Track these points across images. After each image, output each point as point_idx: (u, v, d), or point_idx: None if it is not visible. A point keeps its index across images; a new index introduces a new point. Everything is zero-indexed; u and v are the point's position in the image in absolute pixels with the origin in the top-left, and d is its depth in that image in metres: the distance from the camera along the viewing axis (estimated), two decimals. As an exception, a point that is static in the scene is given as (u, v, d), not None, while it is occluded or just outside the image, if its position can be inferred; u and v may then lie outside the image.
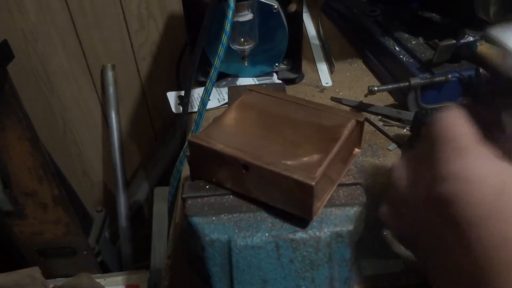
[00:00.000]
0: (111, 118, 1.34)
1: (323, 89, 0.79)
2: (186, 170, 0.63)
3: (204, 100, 0.65)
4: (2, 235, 1.23)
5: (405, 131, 0.67)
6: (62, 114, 1.37)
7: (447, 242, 0.24)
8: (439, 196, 0.24)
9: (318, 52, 0.91)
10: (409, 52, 0.74)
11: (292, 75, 0.80)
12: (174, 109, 0.77)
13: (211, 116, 0.59)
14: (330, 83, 0.80)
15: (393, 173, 0.31)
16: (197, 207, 0.36)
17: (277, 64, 0.78)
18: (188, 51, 0.81)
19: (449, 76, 0.66)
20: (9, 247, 1.25)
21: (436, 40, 0.72)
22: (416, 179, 0.29)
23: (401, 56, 0.74)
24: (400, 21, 0.82)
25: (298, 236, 0.34)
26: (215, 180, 0.38)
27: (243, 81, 0.79)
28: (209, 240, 0.34)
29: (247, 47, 0.71)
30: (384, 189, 0.34)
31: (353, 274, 0.41)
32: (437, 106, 0.68)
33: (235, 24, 0.66)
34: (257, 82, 0.78)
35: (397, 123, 0.69)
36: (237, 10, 0.64)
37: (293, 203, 0.35)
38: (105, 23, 1.22)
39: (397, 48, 0.77)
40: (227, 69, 0.78)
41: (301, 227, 0.34)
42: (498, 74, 0.29)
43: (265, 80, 0.79)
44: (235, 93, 0.51)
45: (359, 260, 0.48)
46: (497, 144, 0.25)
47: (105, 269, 1.38)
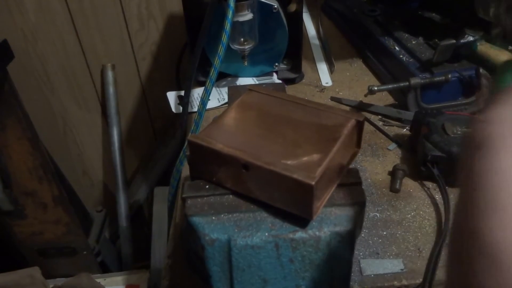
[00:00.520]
0: (111, 118, 1.34)
1: (323, 89, 0.79)
2: (186, 170, 0.63)
3: (204, 100, 0.65)
4: (2, 235, 1.23)
5: (405, 131, 0.67)
6: (62, 114, 1.37)
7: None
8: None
9: (318, 52, 0.91)
10: (409, 52, 0.74)
11: (292, 75, 0.80)
12: (174, 109, 0.77)
13: (211, 116, 0.59)
14: (330, 83, 0.80)
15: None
16: (197, 206, 0.36)
17: (277, 64, 0.78)
18: (188, 51, 0.81)
19: (449, 75, 0.66)
20: (9, 247, 1.25)
21: (436, 40, 0.72)
22: None
23: (401, 56, 0.74)
24: (400, 21, 0.82)
25: (298, 235, 0.34)
26: (215, 180, 0.38)
27: (243, 81, 0.79)
28: (209, 239, 0.34)
29: (247, 47, 0.71)
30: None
31: (353, 274, 0.41)
32: (437, 106, 0.68)
33: (235, 24, 0.66)
34: (257, 82, 0.78)
35: (397, 123, 0.69)
36: (237, 10, 0.64)
37: (293, 203, 0.35)
38: (105, 23, 1.22)
39: (397, 48, 0.77)
40: (227, 69, 0.78)
41: (301, 227, 0.34)
42: None
43: (265, 80, 0.79)
44: (235, 93, 0.51)
45: (359, 260, 0.48)
46: None
47: (105, 269, 1.38)
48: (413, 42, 0.76)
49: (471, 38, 0.68)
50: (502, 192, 0.21)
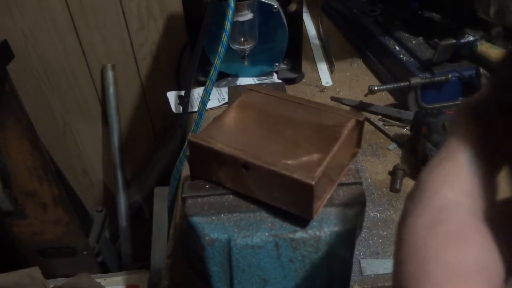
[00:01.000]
0: (111, 118, 1.34)
1: (323, 88, 0.79)
2: (186, 170, 0.63)
3: (204, 100, 0.65)
4: (2, 235, 1.23)
5: (405, 131, 0.67)
6: (62, 114, 1.37)
7: None
8: None
9: (318, 52, 0.91)
10: (409, 52, 0.74)
11: (292, 75, 0.80)
12: (174, 109, 0.77)
13: (211, 116, 0.59)
14: (330, 83, 0.80)
15: None
16: (197, 206, 0.36)
17: (277, 63, 0.78)
18: (188, 51, 0.81)
19: (449, 75, 0.66)
20: (9, 247, 1.25)
21: (436, 40, 0.72)
22: None
23: (401, 56, 0.74)
24: (400, 21, 0.82)
25: (298, 235, 0.34)
26: (215, 180, 0.38)
27: (243, 80, 0.79)
28: (209, 239, 0.34)
29: (247, 46, 0.71)
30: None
31: (353, 274, 0.41)
32: (437, 105, 0.68)
33: (235, 24, 0.66)
34: (257, 82, 0.78)
35: (397, 122, 0.69)
36: (237, 10, 0.64)
37: (293, 203, 0.34)
38: (105, 23, 1.22)
39: (397, 47, 0.77)
40: (227, 69, 0.78)
41: (301, 227, 0.34)
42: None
43: (265, 80, 0.79)
44: (235, 92, 0.51)
45: (359, 260, 0.48)
46: None
47: (105, 269, 1.38)
48: (413, 42, 0.76)
49: (471, 38, 0.68)
50: None
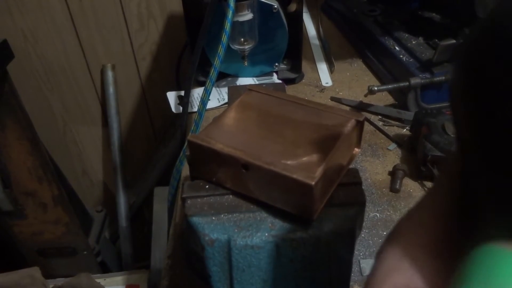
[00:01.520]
0: (111, 118, 1.34)
1: (323, 89, 0.79)
2: (186, 170, 0.63)
3: (204, 100, 0.65)
4: (2, 235, 1.23)
5: (405, 131, 0.67)
6: (62, 114, 1.37)
7: None
8: None
9: (318, 52, 0.91)
10: (409, 52, 0.74)
11: (292, 75, 0.80)
12: (174, 109, 0.77)
13: (211, 116, 0.59)
14: (330, 83, 0.80)
15: None
16: (196, 207, 0.36)
17: (277, 64, 0.78)
18: (188, 51, 0.81)
19: (449, 75, 0.66)
20: (9, 247, 1.25)
21: (436, 40, 0.72)
22: None
23: (401, 56, 0.74)
24: (400, 21, 0.82)
25: (298, 236, 0.34)
26: (215, 180, 0.38)
27: (243, 81, 0.79)
28: (209, 240, 0.34)
29: (247, 47, 0.71)
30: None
31: (353, 274, 0.41)
32: (437, 106, 0.68)
33: (235, 24, 0.66)
34: (257, 82, 0.78)
35: (397, 123, 0.69)
36: (237, 10, 0.64)
37: (293, 203, 0.34)
38: (105, 23, 1.22)
39: (397, 48, 0.77)
40: (227, 69, 0.78)
41: (301, 227, 0.34)
42: None
43: (265, 80, 0.79)
44: (235, 93, 0.51)
45: (359, 260, 0.48)
46: None
47: (105, 269, 1.38)
48: (413, 42, 0.76)
49: (471, 38, 0.68)
50: None
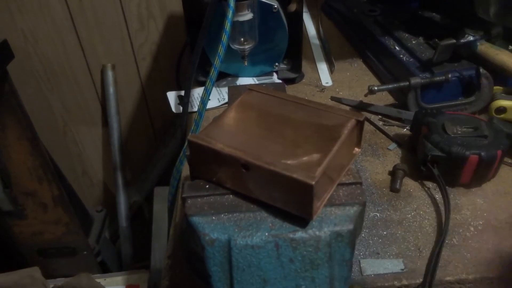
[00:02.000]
0: (111, 118, 1.34)
1: (323, 88, 0.79)
2: (186, 170, 0.63)
3: (204, 100, 0.65)
4: (2, 235, 1.23)
5: (405, 131, 0.67)
6: (62, 114, 1.37)
7: None
8: None
9: (318, 52, 0.91)
10: (409, 52, 0.74)
11: (292, 75, 0.80)
12: (174, 109, 0.77)
13: (211, 116, 0.59)
14: (330, 83, 0.80)
15: None
16: (197, 206, 0.36)
17: (277, 63, 0.78)
18: (188, 51, 0.81)
19: (449, 75, 0.66)
20: (9, 247, 1.25)
21: (436, 40, 0.72)
22: None
23: (401, 56, 0.74)
24: (400, 21, 0.82)
25: (298, 235, 0.34)
26: (215, 180, 0.38)
27: (243, 80, 0.79)
28: (209, 239, 0.34)
29: (247, 46, 0.71)
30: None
31: (353, 274, 0.41)
32: (437, 105, 0.68)
33: (235, 24, 0.66)
34: (257, 82, 0.78)
35: (397, 122, 0.69)
36: (237, 10, 0.64)
37: (293, 203, 0.35)
38: (105, 23, 1.22)
39: (397, 47, 0.77)
40: (227, 69, 0.78)
41: (301, 227, 0.34)
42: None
43: (265, 80, 0.79)
44: (235, 92, 0.51)
45: (359, 260, 0.48)
46: None
47: (105, 269, 1.38)
48: (413, 42, 0.76)
49: (471, 38, 0.68)
50: None
